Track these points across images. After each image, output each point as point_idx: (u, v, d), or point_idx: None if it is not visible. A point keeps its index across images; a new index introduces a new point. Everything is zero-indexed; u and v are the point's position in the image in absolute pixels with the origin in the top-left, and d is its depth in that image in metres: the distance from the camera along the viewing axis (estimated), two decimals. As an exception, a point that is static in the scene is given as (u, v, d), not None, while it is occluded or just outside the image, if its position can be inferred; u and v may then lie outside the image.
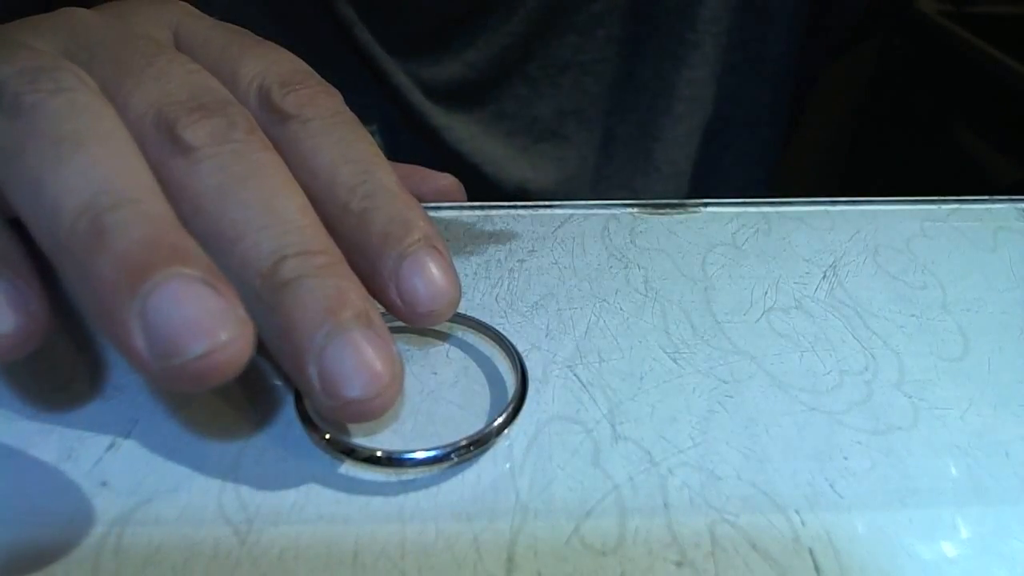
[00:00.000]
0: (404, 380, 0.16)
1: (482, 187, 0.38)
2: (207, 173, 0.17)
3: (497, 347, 0.20)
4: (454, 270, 0.18)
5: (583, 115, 0.40)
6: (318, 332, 0.15)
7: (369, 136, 0.19)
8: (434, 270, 0.18)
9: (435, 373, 0.19)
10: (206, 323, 0.14)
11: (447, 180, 0.26)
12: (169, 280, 0.14)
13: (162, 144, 0.17)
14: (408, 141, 0.38)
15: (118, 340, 0.15)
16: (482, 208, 0.26)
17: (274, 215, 0.16)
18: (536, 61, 0.38)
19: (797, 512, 0.16)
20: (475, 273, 0.23)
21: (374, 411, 0.16)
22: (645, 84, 0.39)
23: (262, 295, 0.16)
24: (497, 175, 0.38)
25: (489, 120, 0.39)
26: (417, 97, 0.37)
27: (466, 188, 0.38)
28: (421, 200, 0.19)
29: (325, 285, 0.16)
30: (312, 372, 0.15)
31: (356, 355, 0.15)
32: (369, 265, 0.18)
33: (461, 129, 0.38)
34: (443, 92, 0.38)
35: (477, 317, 0.20)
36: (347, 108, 0.20)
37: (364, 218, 0.18)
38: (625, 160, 0.40)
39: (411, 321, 0.18)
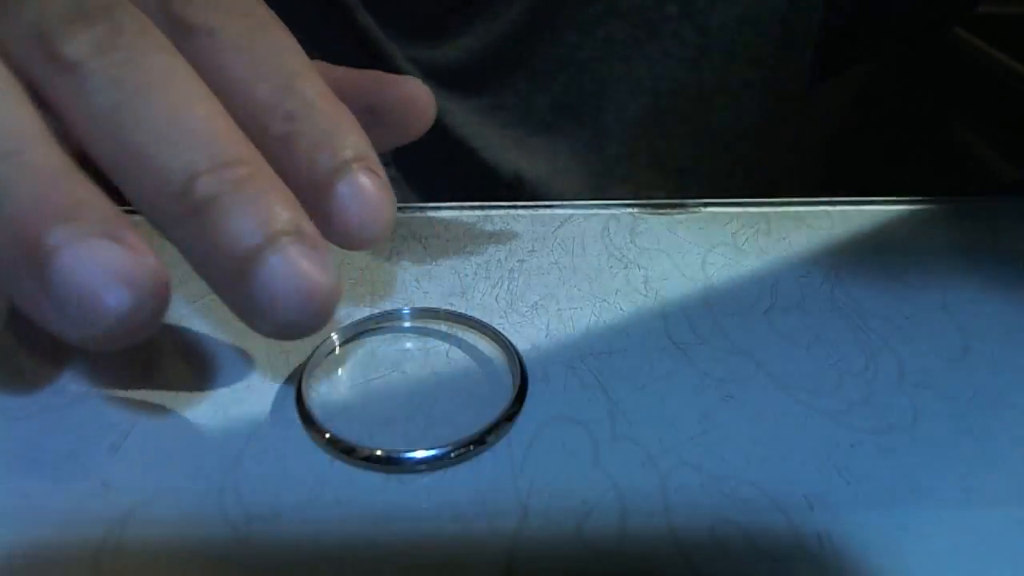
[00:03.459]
0: (341, 290, 0.15)
1: (480, 172, 0.38)
2: (97, 91, 0.15)
3: (497, 347, 0.20)
4: (388, 190, 0.17)
5: (578, 112, 0.40)
6: (246, 253, 0.14)
7: (290, 39, 0.17)
8: (366, 193, 0.16)
9: (435, 373, 0.19)
10: (115, 286, 0.13)
11: (411, 85, 0.21)
12: (66, 244, 0.13)
13: (44, 66, 0.15)
14: None
15: (29, 312, 0.14)
16: (482, 208, 0.26)
17: (179, 127, 0.15)
18: (535, 55, 0.38)
19: (797, 512, 0.16)
20: (475, 273, 0.23)
21: (313, 328, 0.15)
22: (642, 85, 0.39)
23: (179, 220, 0.15)
24: (494, 161, 0.38)
25: (486, 110, 0.39)
26: (419, 79, 0.37)
27: (464, 173, 0.37)
28: (383, 111, 0.18)
29: (247, 200, 0.14)
30: (244, 296, 0.14)
31: (291, 273, 0.14)
32: (297, 191, 0.16)
33: (460, 114, 0.38)
34: (444, 76, 0.38)
35: (477, 317, 0.20)
36: (261, 5, 0.17)
37: (287, 142, 0.16)
38: (621, 157, 0.40)
39: (346, 247, 0.17)
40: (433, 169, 0.39)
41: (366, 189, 0.17)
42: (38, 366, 0.19)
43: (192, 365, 0.19)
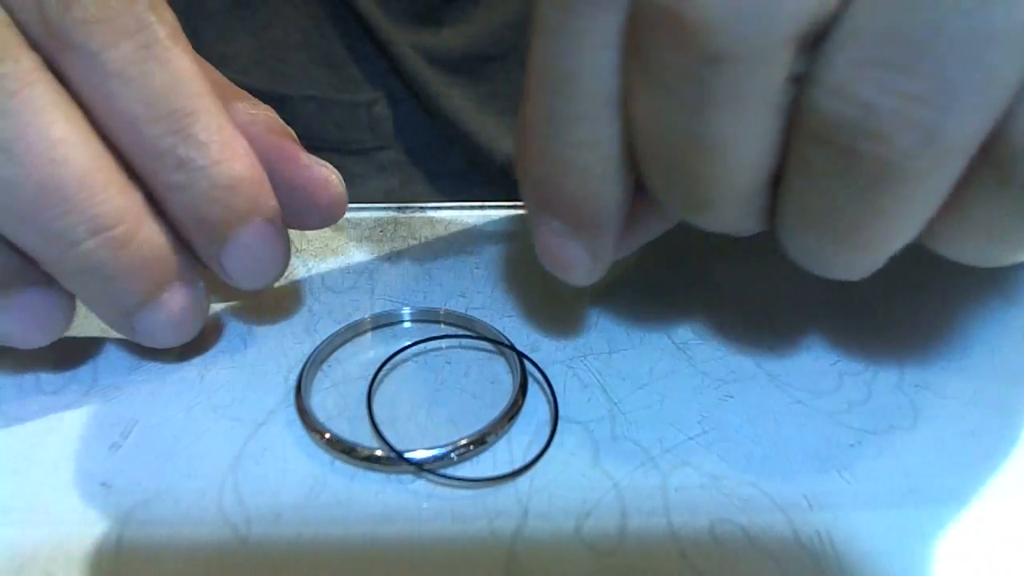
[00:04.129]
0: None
1: (476, 154, 0.39)
2: None
3: (497, 347, 0.20)
4: (282, 238, 0.17)
5: None
6: (128, 311, 0.17)
7: (185, 64, 0.15)
8: (257, 251, 0.17)
9: (435, 373, 0.19)
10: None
11: (319, 172, 0.18)
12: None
13: None
14: (410, 110, 0.39)
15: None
16: (482, 208, 0.26)
17: (55, 190, 0.14)
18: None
19: (797, 511, 0.16)
20: (475, 273, 0.23)
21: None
22: None
23: (67, 277, 0.16)
24: (489, 146, 0.39)
25: (483, 97, 0.40)
26: (419, 65, 0.38)
27: (461, 156, 0.38)
28: (290, 192, 0.17)
29: (127, 269, 0.16)
30: (135, 335, 0.18)
31: (167, 322, 0.17)
32: (186, 234, 0.16)
33: (458, 99, 0.39)
34: (443, 62, 0.39)
35: (477, 317, 0.20)
36: (155, 19, 0.15)
37: (178, 192, 0.16)
38: None
39: (238, 288, 0.18)
40: (432, 150, 0.39)
41: (257, 245, 0.17)
42: (38, 366, 0.19)
43: (192, 365, 0.19)
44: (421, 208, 0.26)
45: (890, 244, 0.14)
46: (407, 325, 0.21)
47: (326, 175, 0.19)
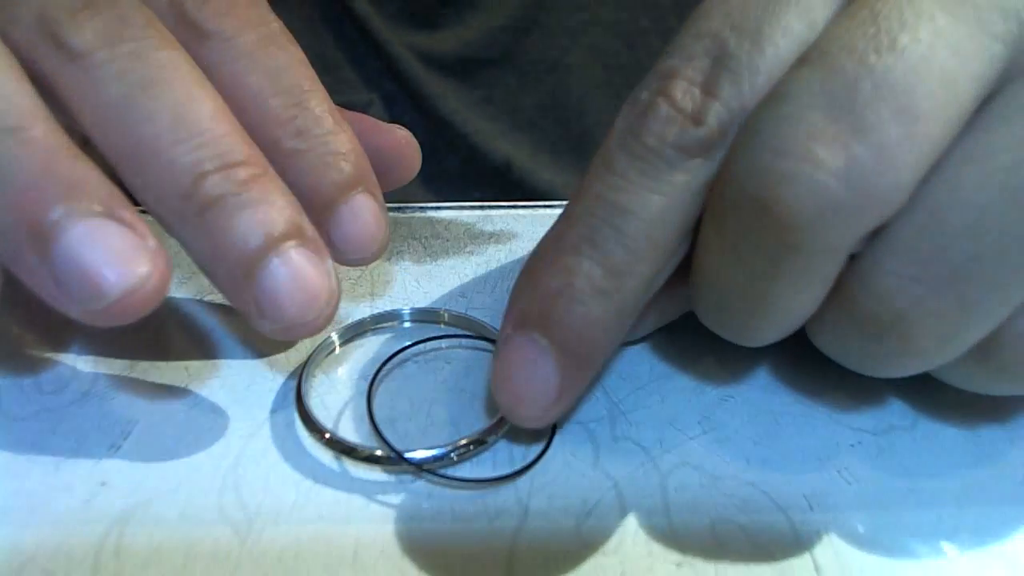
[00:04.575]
0: (340, 292, 0.16)
1: (472, 156, 0.39)
2: (104, 82, 0.15)
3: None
4: (385, 213, 0.18)
5: (562, 114, 0.41)
6: (250, 255, 0.15)
7: (300, 54, 0.18)
8: (366, 217, 0.17)
9: (435, 373, 0.19)
10: (116, 265, 0.14)
11: (400, 134, 0.21)
12: (68, 223, 0.13)
13: (50, 53, 0.15)
14: (404, 112, 0.40)
15: (31, 286, 0.14)
16: (482, 208, 0.26)
17: (186, 126, 0.15)
18: (526, 55, 0.40)
19: (797, 512, 0.16)
20: (475, 273, 0.23)
21: (314, 329, 0.15)
22: (620, 95, 0.40)
23: (185, 218, 0.15)
24: (485, 148, 0.39)
25: (477, 101, 0.40)
26: (414, 67, 0.38)
27: (456, 157, 0.39)
28: (370, 154, 0.18)
29: (252, 202, 0.15)
30: (248, 297, 0.15)
31: (292, 276, 0.15)
32: (302, 204, 0.16)
33: (453, 101, 0.39)
34: (438, 64, 0.39)
35: (477, 317, 0.20)
36: (274, 17, 0.18)
37: (296, 158, 0.17)
38: None
39: (341, 263, 0.18)
40: (426, 152, 0.40)
41: (366, 212, 0.17)
42: (38, 365, 0.19)
43: (192, 365, 0.19)
44: (421, 208, 0.26)
45: (907, 366, 0.16)
46: (407, 325, 0.21)
47: (406, 134, 0.21)
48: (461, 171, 0.40)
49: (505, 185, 0.40)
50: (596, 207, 0.15)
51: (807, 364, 0.20)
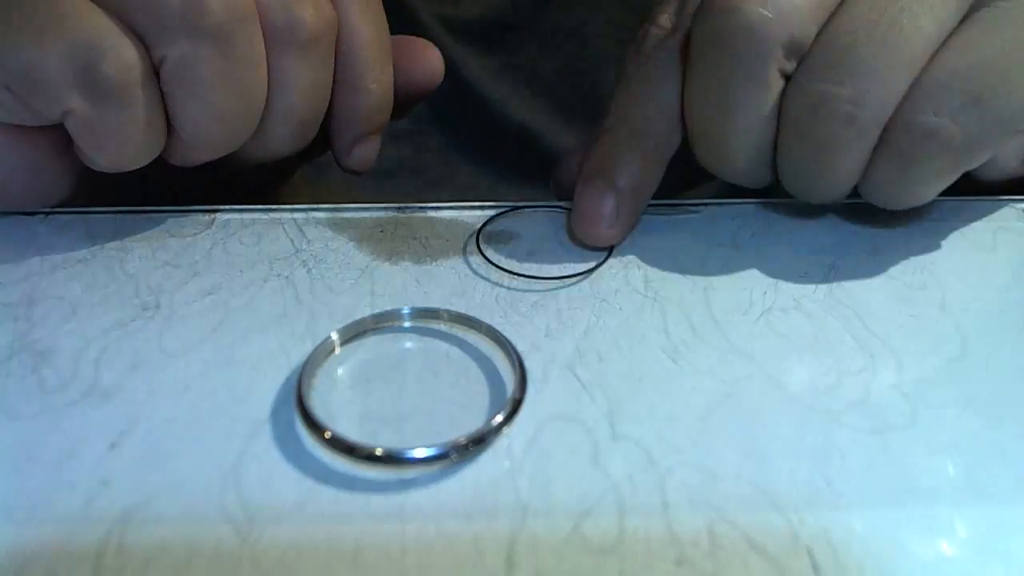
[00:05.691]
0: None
1: (490, 121, 0.42)
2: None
3: (497, 347, 0.20)
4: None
5: (579, 82, 0.43)
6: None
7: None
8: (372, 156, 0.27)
9: (435, 373, 0.19)
10: None
11: (420, 42, 0.28)
12: None
13: None
14: None
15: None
16: (482, 208, 0.26)
17: None
18: (546, 23, 0.42)
19: (796, 512, 0.16)
20: (475, 273, 0.23)
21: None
22: None
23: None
24: (502, 113, 0.42)
25: (498, 68, 0.42)
26: (440, 33, 0.40)
27: (475, 121, 0.43)
28: (408, 79, 0.27)
29: None
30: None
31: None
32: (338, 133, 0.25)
33: (475, 68, 0.41)
34: (462, 32, 0.41)
35: (477, 317, 0.20)
36: None
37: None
38: None
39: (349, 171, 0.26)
40: (447, 117, 0.43)
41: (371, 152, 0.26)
42: (38, 366, 0.19)
43: (192, 365, 0.19)
44: (421, 208, 0.26)
45: (838, 182, 0.22)
46: (407, 325, 0.21)
47: (435, 57, 0.28)
48: (479, 138, 0.42)
49: (521, 152, 0.42)
50: (626, 97, 0.24)
51: (806, 364, 0.20)
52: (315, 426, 0.17)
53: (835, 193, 0.22)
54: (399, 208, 0.26)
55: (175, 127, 0.22)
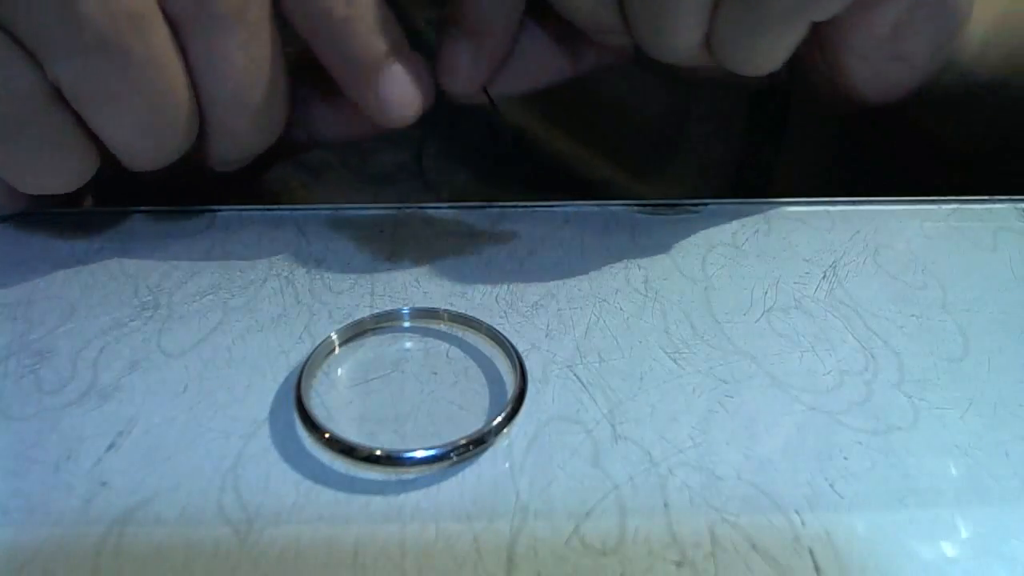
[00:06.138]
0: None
1: (486, 125, 0.41)
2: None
3: (497, 347, 0.20)
4: (426, 75, 0.23)
5: (575, 85, 0.43)
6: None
7: None
8: (410, 76, 0.22)
9: (435, 373, 0.19)
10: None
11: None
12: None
13: None
14: None
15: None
16: (482, 208, 0.26)
17: None
18: None
19: (797, 512, 0.16)
20: (475, 273, 0.23)
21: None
22: (631, 70, 0.42)
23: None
24: (499, 117, 0.42)
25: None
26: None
27: (471, 127, 0.42)
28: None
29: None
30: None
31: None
32: (347, 72, 0.22)
33: None
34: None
35: (477, 317, 0.20)
36: None
37: (347, 24, 0.21)
38: None
39: (384, 124, 0.23)
40: (445, 121, 0.42)
41: (411, 72, 0.22)
42: (39, 366, 0.19)
43: (192, 365, 0.19)
44: (421, 208, 0.26)
45: (682, 30, 0.21)
46: (407, 325, 0.21)
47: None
48: (478, 140, 0.42)
49: (518, 158, 0.42)
50: None
51: (807, 364, 0.20)
52: (314, 427, 0.17)
53: (683, 46, 0.21)
54: (399, 208, 0.26)
55: (103, 141, 0.20)
